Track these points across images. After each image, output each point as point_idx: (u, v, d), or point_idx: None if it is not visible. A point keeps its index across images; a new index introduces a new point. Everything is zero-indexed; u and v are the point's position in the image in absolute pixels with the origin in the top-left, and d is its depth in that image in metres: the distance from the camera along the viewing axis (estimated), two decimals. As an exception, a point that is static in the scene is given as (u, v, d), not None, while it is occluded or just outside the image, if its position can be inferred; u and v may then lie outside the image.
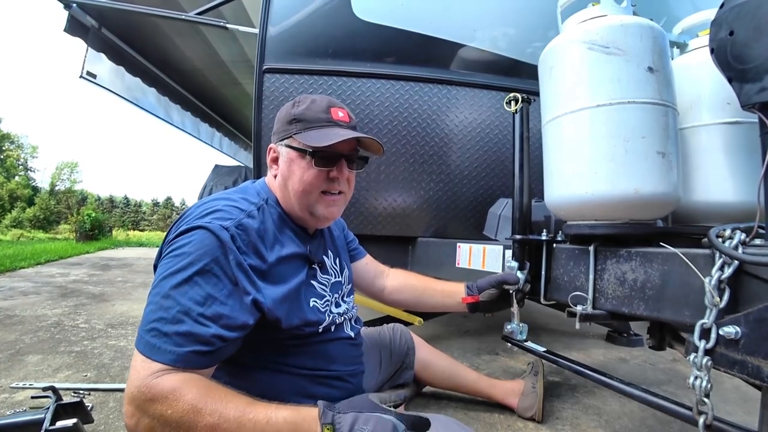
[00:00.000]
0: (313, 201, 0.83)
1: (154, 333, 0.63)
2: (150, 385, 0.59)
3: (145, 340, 0.63)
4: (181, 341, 0.63)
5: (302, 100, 0.84)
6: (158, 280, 0.67)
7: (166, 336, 0.63)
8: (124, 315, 2.66)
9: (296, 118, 0.82)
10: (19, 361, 1.73)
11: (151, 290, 0.67)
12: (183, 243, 0.69)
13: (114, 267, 5.63)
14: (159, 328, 0.63)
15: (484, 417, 1.29)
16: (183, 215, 0.77)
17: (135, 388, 0.60)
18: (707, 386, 0.62)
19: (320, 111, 0.82)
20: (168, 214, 40.81)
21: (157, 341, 0.62)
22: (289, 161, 0.83)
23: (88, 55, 3.15)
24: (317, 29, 1.72)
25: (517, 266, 1.13)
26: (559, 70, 0.95)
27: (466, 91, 1.79)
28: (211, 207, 0.75)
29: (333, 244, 1.02)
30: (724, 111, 0.93)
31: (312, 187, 0.82)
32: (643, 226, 0.88)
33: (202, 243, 0.68)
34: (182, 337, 0.63)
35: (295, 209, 0.85)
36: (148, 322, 0.64)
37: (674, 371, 1.80)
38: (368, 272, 1.19)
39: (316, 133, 0.80)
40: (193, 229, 0.70)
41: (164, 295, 0.65)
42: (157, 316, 0.64)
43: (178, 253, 0.68)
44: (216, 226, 0.69)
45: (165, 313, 0.64)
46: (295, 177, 0.82)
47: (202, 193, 3.90)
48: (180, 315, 0.64)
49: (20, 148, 33.29)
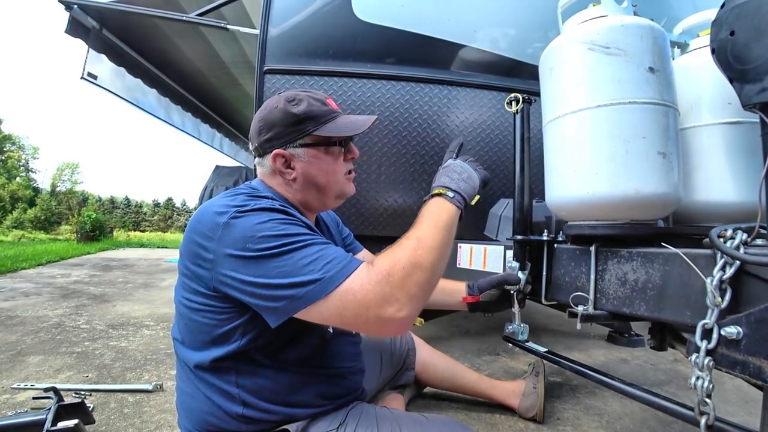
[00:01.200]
0: (342, 185, 0.87)
1: (321, 270, 0.65)
2: (375, 275, 0.64)
3: (325, 278, 0.64)
4: (334, 253, 0.68)
5: (297, 98, 0.82)
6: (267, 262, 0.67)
7: (329, 263, 0.65)
8: (125, 316, 2.66)
9: (306, 116, 0.81)
10: (20, 361, 1.74)
11: (268, 270, 0.66)
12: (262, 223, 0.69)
13: (115, 268, 5.63)
14: (318, 268, 0.65)
15: (485, 418, 1.29)
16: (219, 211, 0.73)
17: (373, 287, 0.64)
18: (709, 387, 0.62)
19: (321, 104, 0.83)
20: (169, 214, 40.86)
21: (330, 268, 0.65)
22: (312, 159, 0.83)
23: (89, 57, 3.16)
24: (318, 30, 1.72)
25: (518, 266, 1.13)
26: (560, 71, 0.95)
27: (466, 92, 1.79)
28: (245, 199, 0.76)
29: (330, 238, 1.02)
30: (725, 111, 0.93)
31: (339, 174, 0.86)
32: (644, 227, 0.88)
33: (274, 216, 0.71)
34: (332, 252, 0.68)
35: (316, 200, 0.87)
36: (305, 273, 0.65)
37: (675, 372, 1.80)
38: None
39: (335, 125, 0.83)
40: (255, 210, 0.71)
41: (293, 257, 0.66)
42: (307, 265, 0.65)
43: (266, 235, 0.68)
44: (263, 204, 0.72)
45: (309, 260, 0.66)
46: (323, 171, 0.84)
47: (202, 194, 3.91)
48: (317, 252, 0.67)
49: (21, 149, 33.37)
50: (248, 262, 0.67)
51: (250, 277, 0.66)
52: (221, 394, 0.76)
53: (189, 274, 0.75)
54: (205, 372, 0.77)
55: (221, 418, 0.76)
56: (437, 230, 0.73)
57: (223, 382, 0.76)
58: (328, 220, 1.06)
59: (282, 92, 0.85)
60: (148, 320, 2.56)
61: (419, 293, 0.66)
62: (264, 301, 0.67)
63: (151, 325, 2.45)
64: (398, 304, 0.64)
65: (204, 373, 0.77)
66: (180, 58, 3.89)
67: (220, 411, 0.76)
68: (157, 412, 1.32)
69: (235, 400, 0.76)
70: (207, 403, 0.76)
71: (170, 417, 1.27)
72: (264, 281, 0.65)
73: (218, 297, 0.72)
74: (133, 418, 1.27)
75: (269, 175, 0.85)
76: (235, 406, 0.76)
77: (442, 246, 0.72)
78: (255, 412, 0.76)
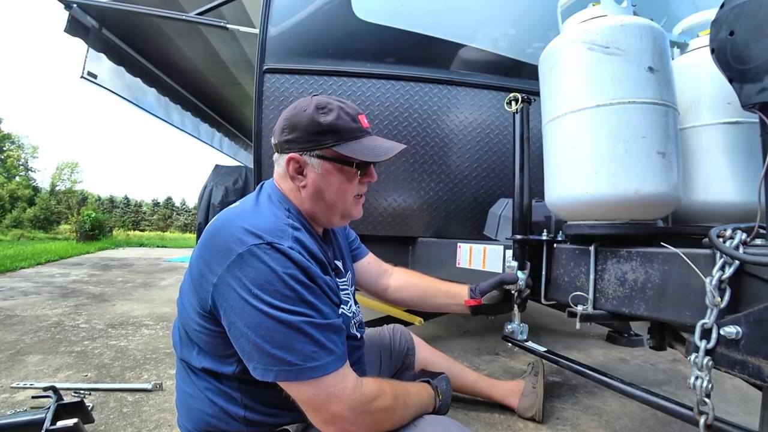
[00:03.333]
0: (349, 206, 0.85)
1: (309, 355, 0.65)
2: (363, 392, 0.68)
3: (308, 366, 0.65)
4: (329, 342, 0.68)
5: (327, 108, 0.79)
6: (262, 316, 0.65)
7: (319, 351, 0.66)
8: (125, 315, 2.66)
9: (330, 129, 0.77)
10: (19, 361, 1.74)
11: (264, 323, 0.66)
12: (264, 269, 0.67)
13: (114, 267, 5.63)
14: (307, 346, 0.66)
15: (484, 417, 1.29)
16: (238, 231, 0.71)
17: (351, 399, 0.66)
18: (708, 386, 0.62)
19: (351, 120, 0.79)
20: (168, 214, 40.83)
21: (318, 356, 0.66)
22: (325, 173, 0.79)
23: (89, 56, 3.15)
24: (317, 29, 1.72)
25: (517, 266, 1.13)
26: (560, 71, 0.95)
27: (466, 91, 1.79)
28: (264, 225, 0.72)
29: (338, 246, 1.01)
30: (725, 111, 0.93)
31: (348, 194, 0.83)
32: (643, 226, 0.88)
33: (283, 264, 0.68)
34: (327, 339, 0.68)
35: (323, 215, 0.84)
36: (294, 353, 0.65)
37: (675, 371, 1.80)
38: (371, 271, 1.18)
39: (359, 146, 0.79)
40: (274, 251, 0.68)
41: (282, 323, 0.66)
42: (293, 340, 0.66)
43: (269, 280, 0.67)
44: (285, 246, 0.69)
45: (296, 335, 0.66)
46: (333, 188, 0.81)
47: (202, 193, 3.91)
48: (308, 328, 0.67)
49: (21, 149, 33.31)
50: (245, 307, 0.66)
51: (242, 325, 0.66)
52: (223, 396, 0.76)
53: (192, 289, 0.75)
54: (208, 375, 0.76)
55: (222, 419, 0.76)
56: (417, 408, 0.80)
57: (226, 386, 0.75)
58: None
59: (317, 94, 0.82)
60: (148, 320, 2.55)
61: (371, 428, 0.70)
62: (243, 352, 0.68)
63: (151, 324, 2.45)
64: (354, 428, 0.68)
65: (206, 375, 0.77)
66: (180, 58, 3.88)
67: (221, 413, 0.76)
68: (156, 411, 1.32)
69: (237, 403, 0.75)
70: (208, 404, 0.76)
71: (169, 416, 1.27)
72: (253, 338, 0.65)
73: (214, 320, 0.72)
74: (133, 417, 1.27)
75: (282, 177, 0.84)
76: (237, 409, 0.75)
77: (406, 419, 0.76)
78: (257, 415, 0.76)
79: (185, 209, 43.11)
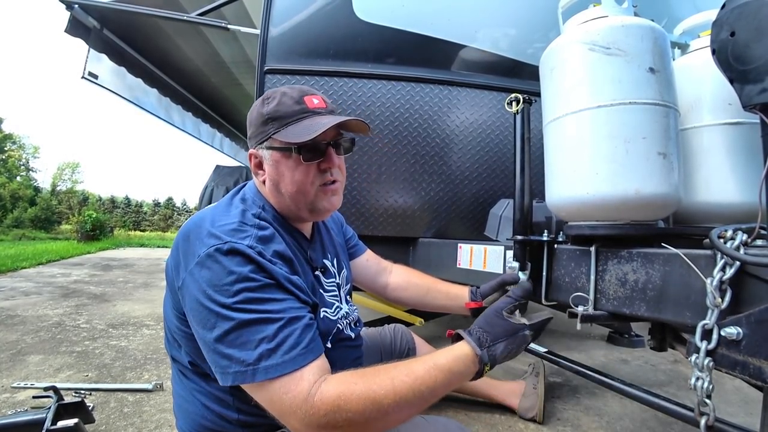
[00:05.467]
0: (312, 197, 0.78)
1: (263, 354, 0.60)
2: (315, 403, 0.58)
3: (262, 366, 0.60)
4: (287, 342, 0.62)
5: (272, 96, 0.77)
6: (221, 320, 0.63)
7: (277, 346, 0.61)
8: (126, 315, 2.66)
9: (270, 117, 0.75)
10: (20, 361, 1.74)
11: (217, 326, 0.63)
12: (226, 269, 0.65)
13: (115, 267, 5.64)
14: (262, 345, 0.61)
15: (485, 418, 1.29)
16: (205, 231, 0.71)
17: (302, 411, 0.58)
18: (709, 387, 0.62)
19: (293, 103, 0.75)
20: (169, 214, 40.82)
21: (273, 355, 0.61)
22: (275, 164, 0.77)
23: (90, 56, 3.16)
24: (318, 30, 1.73)
25: (518, 266, 1.13)
26: (560, 71, 0.95)
27: (467, 92, 1.79)
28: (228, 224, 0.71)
29: (331, 243, 0.99)
30: (726, 112, 0.92)
31: (306, 184, 0.77)
32: (644, 227, 0.88)
33: (240, 264, 0.66)
34: (285, 338, 0.62)
35: (292, 210, 0.81)
36: (245, 350, 0.61)
37: (675, 372, 1.80)
38: (369, 269, 1.17)
39: (296, 128, 0.74)
40: (231, 253, 0.66)
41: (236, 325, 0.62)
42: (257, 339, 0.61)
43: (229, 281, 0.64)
44: (243, 246, 0.66)
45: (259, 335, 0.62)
46: (286, 179, 0.77)
47: (203, 194, 3.91)
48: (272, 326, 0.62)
49: (22, 149, 33.35)
50: (200, 309, 0.64)
51: (199, 327, 0.65)
52: (216, 401, 0.76)
53: (168, 290, 0.76)
54: (199, 377, 0.76)
55: (217, 423, 0.76)
56: (433, 390, 0.64)
57: (217, 390, 0.75)
58: (330, 222, 1.03)
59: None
60: (148, 320, 2.56)
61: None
62: (207, 358, 0.65)
63: (151, 324, 2.45)
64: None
65: (197, 378, 0.76)
66: (180, 58, 3.89)
67: (215, 416, 0.76)
68: (156, 411, 1.32)
69: (230, 407, 0.75)
70: (202, 408, 0.76)
71: (170, 416, 1.27)
72: (209, 340, 0.63)
73: (188, 323, 0.70)
74: (133, 417, 1.27)
75: (254, 175, 0.84)
76: (230, 413, 0.75)
77: (404, 418, 0.64)
78: (251, 417, 0.76)
79: (186, 209, 43.13)
